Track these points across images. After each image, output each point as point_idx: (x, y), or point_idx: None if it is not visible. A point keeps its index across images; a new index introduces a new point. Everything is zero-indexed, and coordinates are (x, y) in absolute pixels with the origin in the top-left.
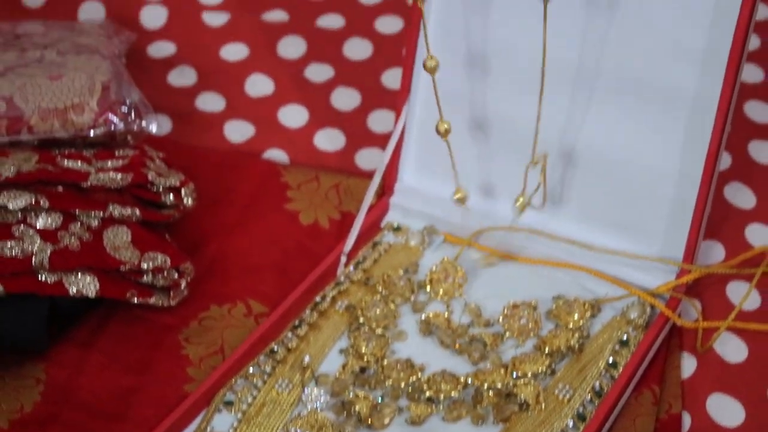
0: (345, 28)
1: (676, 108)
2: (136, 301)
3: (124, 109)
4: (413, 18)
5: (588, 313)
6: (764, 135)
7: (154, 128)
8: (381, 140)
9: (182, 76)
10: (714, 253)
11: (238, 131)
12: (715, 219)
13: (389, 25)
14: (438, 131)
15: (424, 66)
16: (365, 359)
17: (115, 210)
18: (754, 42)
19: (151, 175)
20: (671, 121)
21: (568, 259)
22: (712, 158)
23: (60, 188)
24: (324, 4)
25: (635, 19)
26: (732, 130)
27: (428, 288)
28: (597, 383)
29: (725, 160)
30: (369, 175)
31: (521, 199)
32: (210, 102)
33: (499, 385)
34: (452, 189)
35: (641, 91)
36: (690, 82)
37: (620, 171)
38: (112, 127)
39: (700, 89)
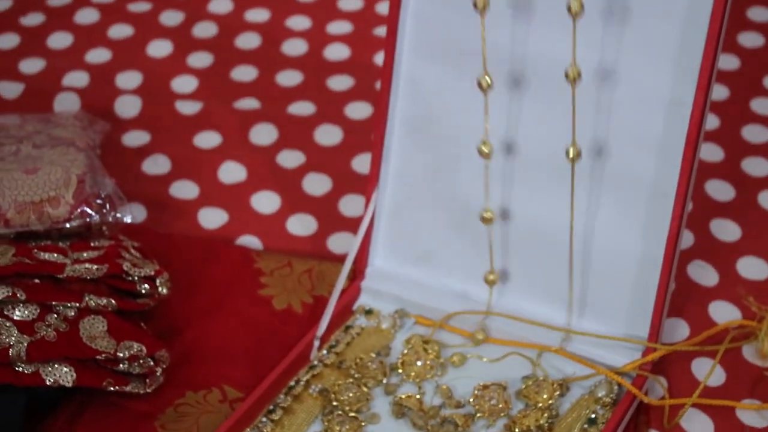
0: (315, 115)
1: (636, 191)
2: (112, 389)
3: (99, 201)
4: (379, 105)
5: (557, 393)
6: (725, 213)
7: (128, 219)
8: (352, 224)
9: (156, 165)
10: (679, 331)
11: (212, 218)
12: (679, 297)
13: (359, 111)
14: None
15: None
16: None
17: (91, 300)
18: (712, 121)
19: (126, 266)
20: (633, 205)
21: (537, 339)
22: (673, 239)
23: (37, 280)
24: (294, 92)
25: (595, 105)
26: (694, 208)
27: (400, 370)
28: None
29: (688, 239)
30: (341, 259)
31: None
32: (184, 189)
33: None
34: (422, 272)
35: (603, 175)
36: (649, 166)
37: (585, 252)
38: (88, 219)
39: (658, 173)
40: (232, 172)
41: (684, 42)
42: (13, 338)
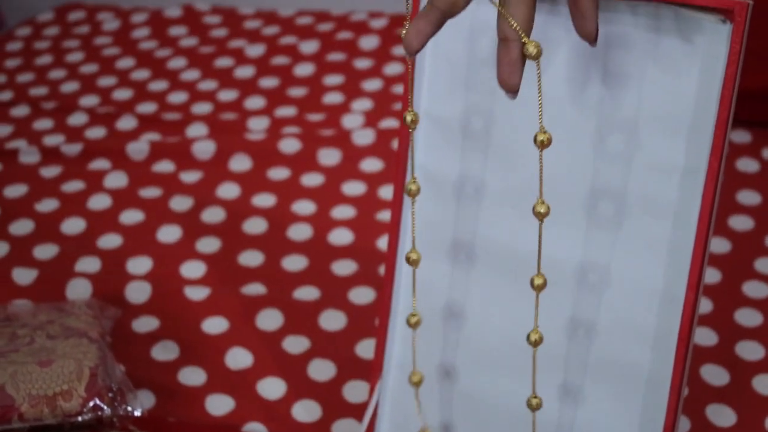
0: (320, 300)
1: (631, 384)
2: None
3: (111, 394)
4: (384, 292)
5: None
6: (720, 398)
7: (138, 413)
8: (357, 410)
9: (165, 351)
10: None
11: (219, 405)
12: None
13: (362, 295)
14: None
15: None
16: None
17: None
18: (705, 305)
19: None
20: (628, 397)
21: None
22: (669, 429)
23: None
24: (299, 277)
25: (589, 305)
26: (690, 393)
27: None
28: None
29: (684, 425)
30: None
31: None
32: (192, 376)
33: None
34: None
35: (597, 370)
36: (643, 359)
37: None
38: (99, 413)
39: (653, 365)
40: (238, 358)
41: (674, 238)
42: None
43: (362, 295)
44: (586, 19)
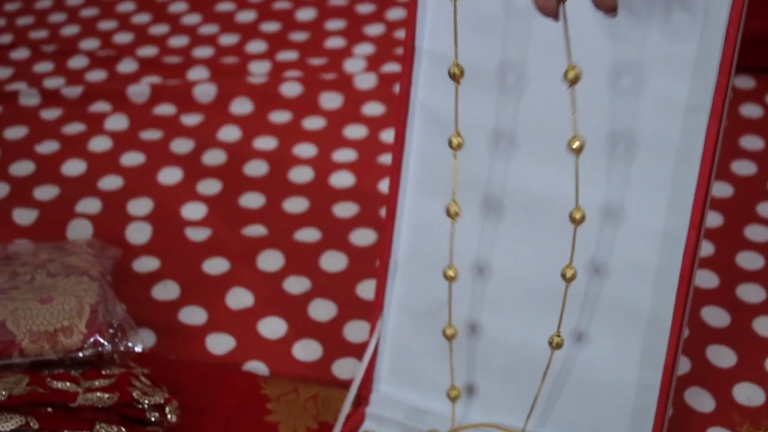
0: (321, 241)
1: (633, 322)
2: None
3: (111, 330)
4: (385, 233)
5: None
6: (721, 339)
7: (139, 349)
8: (357, 350)
9: (166, 291)
10: None
11: (220, 344)
12: (676, 422)
13: (363, 237)
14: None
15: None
16: None
17: (102, 429)
18: (707, 248)
19: (136, 394)
20: (630, 335)
21: None
22: (670, 367)
23: (49, 409)
24: (300, 219)
25: (592, 238)
26: (690, 335)
27: None
28: None
29: (685, 365)
30: (346, 385)
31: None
32: (192, 315)
33: None
34: (427, 398)
35: (600, 308)
36: (645, 298)
37: (582, 378)
38: (100, 349)
39: (654, 304)
40: (239, 298)
41: (677, 173)
42: None
43: (363, 237)
44: None
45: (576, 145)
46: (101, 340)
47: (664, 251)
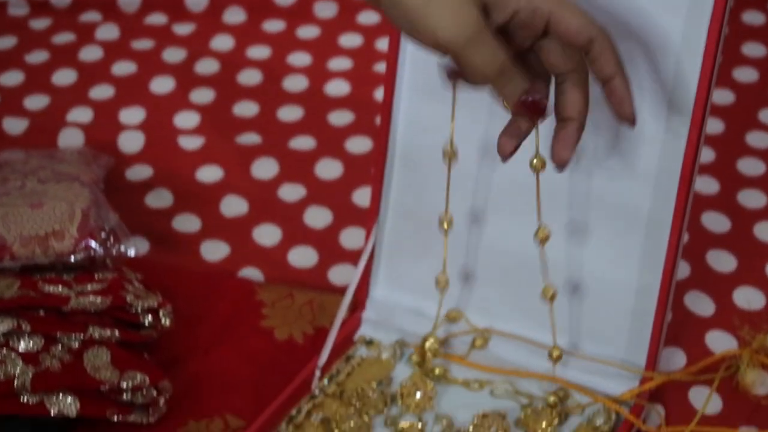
0: (316, 149)
1: (633, 224)
2: (116, 420)
3: (103, 234)
4: (379, 140)
5: (555, 421)
6: (721, 244)
7: (132, 253)
8: (353, 256)
9: (159, 199)
10: (676, 360)
11: (214, 251)
12: (676, 326)
13: (359, 145)
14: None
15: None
16: None
17: (95, 332)
18: (708, 154)
19: (129, 298)
20: (629, 237)
21: (535, 366)
22: (669, 269)
23: (41, 312)
24: (295, 127)
25: (592, 143)
26: (690, 240)
27: (400, 402)
28: None
29: (684, 269)
30: (341, 291)
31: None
32: (186, 223)
33: None
34: (422, 303)
35: (600, 209)
36: (645, 200)
37: (582, 282)
38: (92, 253)
39: (654, 207)
40: (233, 206)
41: (678, 75)
42: (18, 369)
43: (359, 145)
44: (623, 105)
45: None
46: (93, 245)
47: (663, 152)
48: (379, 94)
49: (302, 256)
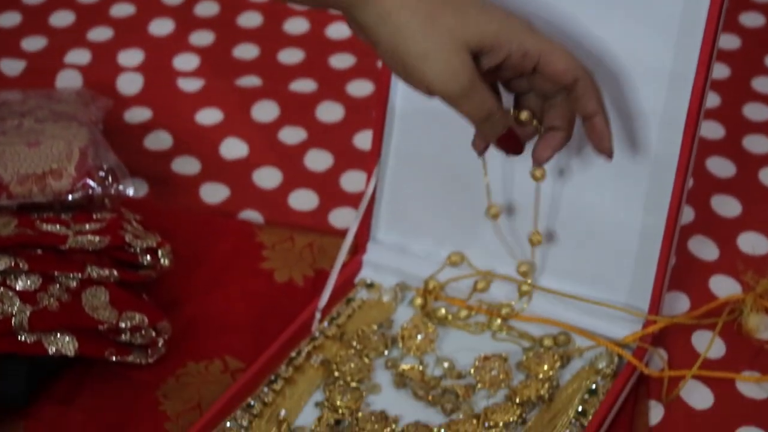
0: (317, 92)
1: (638, 166)
2: (114, 360)
3: (102, 173)
4: (381, 83)
5: (557, 364)
6: (726, 189)
7: (130, 192)
8: (353, 199)
9: (158, 141)
10: (679, 304)
11: (214, 193)
12: (679, 271)
13: (360, 88)
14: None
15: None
16: (340, 412)
17: (93, 271)
18: (713, 99)
19: (128, 237)
20: (634, 178)
21: (537, 309)
22: (674, 213)
23: (39, 251)
24: (296, 69)
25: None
26: (695, 184)
27: (400, 344)
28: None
29: (689, 214)
30: (342, 234)
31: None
32: (186, 165)
33: None
34: (422, 245)
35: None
36: (650, 140)
37: (585, 225)
38: (90, 192)
39: (660, 147)
40: (233, 148)
41: (685, 18)
42: (15, 307)
43: (360, 88)
44: (603, 141)
45: None
46: (91, 183)
47: (670, 94)
48: None
49: (303, 199)
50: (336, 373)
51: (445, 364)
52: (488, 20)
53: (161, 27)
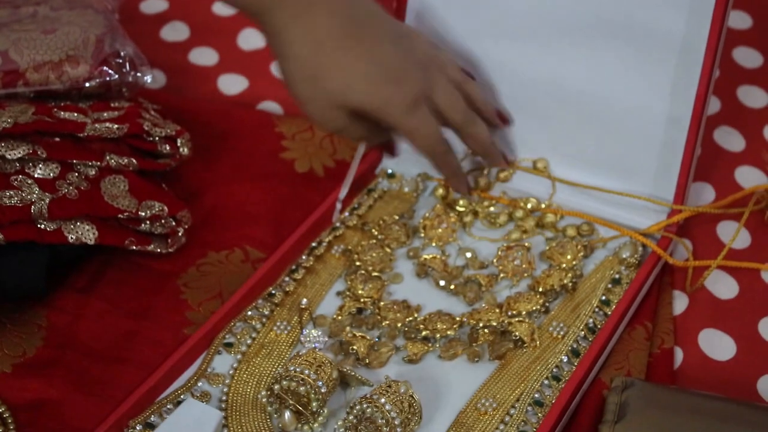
0: None
1: (665, 52)
2: (134, 248)
3: (119, 61)
4: None
5: (581, 254)
6: (752, 80)
7: (149, 79)
8: None
9: (175, 32)
10: (705, 195)
11: (232, 84)
12: (705, 162)
13: None
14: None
15: None
16: (362, 301)
17: (112, 159)
18: None
19: (147, 125)
20: (660, 65)
21: (560, 201)
22: (701, 101)
23: (57, 139)
24: None
25: None
26: (721, 75)
27: (422, 234)
28: (590, 320)
29: (715, 105)
30: None
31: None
32: (203, 56)
33: (494, 324)
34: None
35: (631, 35)
36: (678, 26)
37: (611, 114)
38: (108, 79)
39: (687, 33)
40: (251, 39)
41: None
42: (34, 195)
43: None
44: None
45: None
46: (108, 71)
47: None
48: None
49: None
50: (357, 263)
51: (468, 254)
52: (371, 96)
53: None
